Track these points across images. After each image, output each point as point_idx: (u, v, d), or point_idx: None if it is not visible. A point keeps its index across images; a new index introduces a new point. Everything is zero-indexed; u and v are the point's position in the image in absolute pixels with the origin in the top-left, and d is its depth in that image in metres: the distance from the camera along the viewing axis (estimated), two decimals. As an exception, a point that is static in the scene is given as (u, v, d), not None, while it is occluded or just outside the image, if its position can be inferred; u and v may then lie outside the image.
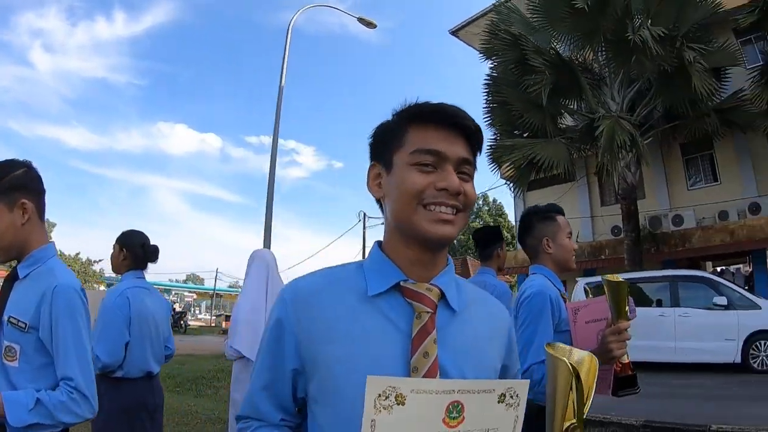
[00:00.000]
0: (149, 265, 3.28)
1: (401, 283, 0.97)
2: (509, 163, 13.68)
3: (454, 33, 19.95)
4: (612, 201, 16.48)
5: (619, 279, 1.72)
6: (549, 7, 12.99)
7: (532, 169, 13.59)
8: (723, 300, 9.36)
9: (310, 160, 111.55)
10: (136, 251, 3.16)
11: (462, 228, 0.99)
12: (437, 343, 0.93)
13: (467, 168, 0.99)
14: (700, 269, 14.21)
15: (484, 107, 15.24)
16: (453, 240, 1.00)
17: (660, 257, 14.96)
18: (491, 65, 15.11)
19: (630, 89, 13.22)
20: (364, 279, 0.99)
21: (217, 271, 49.50)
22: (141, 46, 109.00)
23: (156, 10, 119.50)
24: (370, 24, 14.79)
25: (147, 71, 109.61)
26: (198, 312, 47.78)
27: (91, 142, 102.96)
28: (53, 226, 44.46)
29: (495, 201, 49.09)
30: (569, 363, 1.03)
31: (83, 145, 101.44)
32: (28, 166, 1.72)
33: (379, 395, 0.74)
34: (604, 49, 12.97)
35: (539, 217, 2.40)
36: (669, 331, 9.52)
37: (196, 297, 51.48)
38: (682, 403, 6.70)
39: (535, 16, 13.62)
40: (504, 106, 14.41)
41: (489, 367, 1.03)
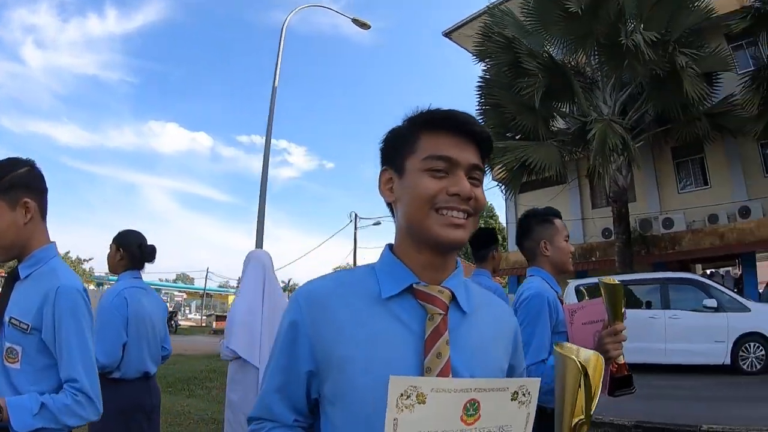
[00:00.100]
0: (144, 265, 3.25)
1: (414, 286, 0.98)
2: (501, 165, 13.67)
3: (447, 35, 19.96)
4: (603, 203, 16.56)
5: (615, 282, 1.74)
6: (542, 11, 13.04)
7: (524, 172, 13.62)
8: (713, 302, 9.44)
9: (301, 160, 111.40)
10: (133, 251, 3.12)
11: (472, 232, 1.01)
12: (449, 344, 0.95)
13: (477, 174, 1.01)
14: (689, 272, 14.31)
15: (476, 109, 15.25)
16: (464, 244, 1.01)
17: (650, 259, 15.09)
18: (484, 67, 15.12)
19: (622, 93, 13.32)
20: (376, 281, 1.01)
21: (208, 271, 49.21)
22: (133, 43, 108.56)
23: (148, 7, 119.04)
24: (364, 25, 14.79)
25: (139, 69, 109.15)
26: (188, 312, 47.52)
27: (83, 139, 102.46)
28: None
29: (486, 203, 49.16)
30: (578, 361, 1.07)
31: (74, 143, 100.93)
32: (31, 164, 1.69)
33: (401, 395, 0.76)
34: (596, 53, 13.03)
35: (537, 220, 2.42)
36: (659, 333, 9.59)
37: (186, 297, 51.19)
38: (672, 404, 6.76)
39: (529, 19, 13.66)
40: (497, 108, 14.44)
41: (497, 368, 1.04)
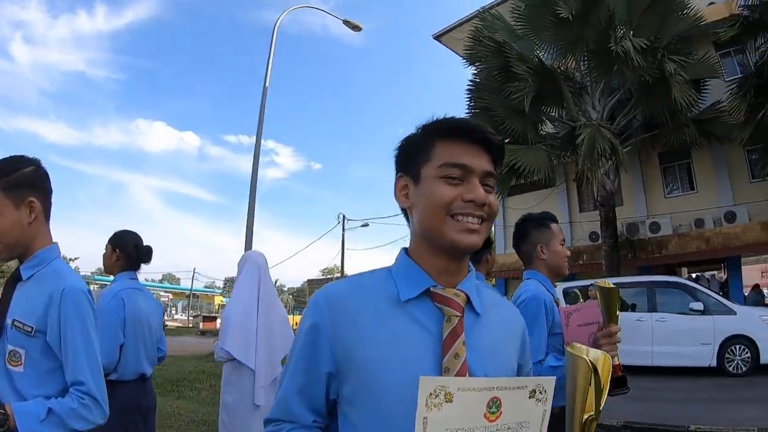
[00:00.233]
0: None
1: (431, 289, 1.02)
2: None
3: (437, 38, 20.03)
4: (590, 207, 16.68)
5: (611, 285, 1.79)
6: (533, 16, 13.14)
7: (512, 175, 13.68)
8: (699, 305, 9.58)
9: (288, 160, 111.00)
10: (129, 252, 3.09)
11: (485, 236, 1.04)
12: (465, 345, 0.98)
13: (490, 180, 1.04)
14: (676, 275, 14.46)
15: (466, 112, 15.29)
16: (478, 248, 1.04)
17: (637, 263, 15.22)
18: (474, 71, 15.20)
19: (611, 98, 13.44)
20: (394, 285, 1.04)
21: (194, 271, 48.85)
22: (122, 41, 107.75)
23: (138, 5, 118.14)
24: (356, 27, 14.79)
25: (127, 66, 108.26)
26: (174, 312, 47.19)
27: (70, 137, 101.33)
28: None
29: None
30: (589, 360, 1.11)
31: (62, 140, 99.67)
32: (36, 164, 1.67)
33: (431, 394, 0.80)
34: (586, 59, 13.15)
35: (534, 225, 2.47)
36: (646, 336, 9.68)
37: (172, 297, 50.82)
38: (660, 406, 6.85)
39: (519, 23, 13.75)
40: (486, 112, 14.50)
41: (508, 367, 1.08)
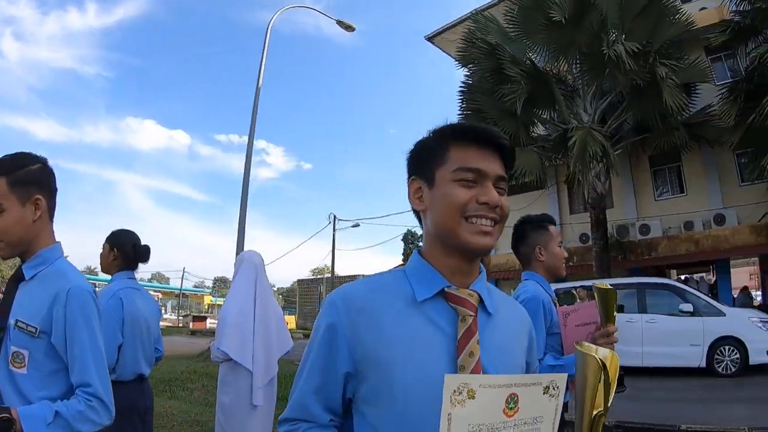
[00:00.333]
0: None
1: (445, 289, 1.05)
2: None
3: (429, 39, 20.08)
4: (581, 209, 16.79)
5: (608, 287, 1.83)
6: (526, 19, 13.21)
7: (503, 176, 13.75)
8: (689, 307, 9.71)
9: (279, 160, 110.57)
10: (126, 251, 3.07)
11: (497, 238, 1.07)
12: (479, 344, 1.01)
13: (502, 184, 1.08)
14: (665, 277, 14.60)
15: (458, 114, 15.38)
16: (491, 249, 1.08)
17: (627, 265, 15.35)
18: (467, 73, 15.26)
19: (602, 101, 13.55)
20: (409, 285, 1.07)
21: (184, 271, 48.57)
22: (112, 38, 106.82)
23: (129, 2, 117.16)
24: (349, 27, 14.78)
25: (117, 64, 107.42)
26: (164, 312, 46.94)
27: (60, 134, 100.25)
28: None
29: None
30: (599, 358, 1.15)
31: (51, 138, 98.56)
32: (43, 162, 1.65)
33: (454, 391, 0.83)
34: (578, 62, 13.22)
35: (532, 227, 2.51)
36: (636, 337, 9.77)
37: (161, 296, 50.51)
38: (651, 405, 6.92)
39: (512, 26, 13.81)
40: (478, 113, 14.57)
41: (518, 365, 1.12)
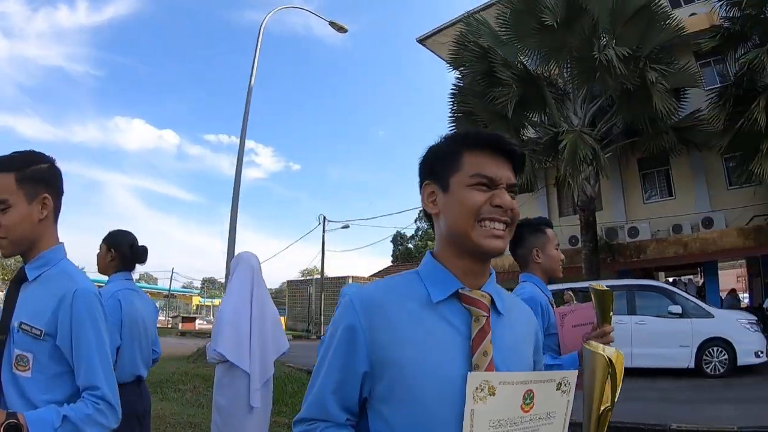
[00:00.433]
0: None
1: (459, 291, 1.09)
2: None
3: (421, 41, 20.17)
4: (570, 212, 16.90)
5: (605, 288, 1.87)
6: (518, 22, 13.32)
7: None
8: (678, 308, 9.83)
9: (268, 161, 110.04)
10: (124, 252, 3.06)
11: (509, 240, 1.12)
12: (492, 343, 1.05)
13: (514, 188, 1.12)
14: (653, 279, 14.72)
15: (449, 116, 15.47)
16: (503, 252, 1.12)
17: (616, 267, 15.51)
18: (458, 75, 15.34)
19: (592, 105, 13.69)
20: (423, 286, 1.10)
21: (173, 271, 48.26)
22: (102, 36, 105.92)
23: (119, 0, 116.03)
24: (341, 29, 14.84)
25: (106, 63, 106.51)
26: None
27: (47, 133, 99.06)
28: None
29: None
30: (606, 356, 1.21)
31: (38, 136, 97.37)
32: (52, 162, 1.65)
33: (477, 388, 0.89)
34: (569, 66, 13.35)
35: (530, 230, 2.54)
36: (626, 338, 9.82)
37: (149, 297, 50.07)
38: (641, 406, 6.98)
39: (503, 29, 13.91)
40: (469, 116, 14.68)
41: (527, 363, 1.16)
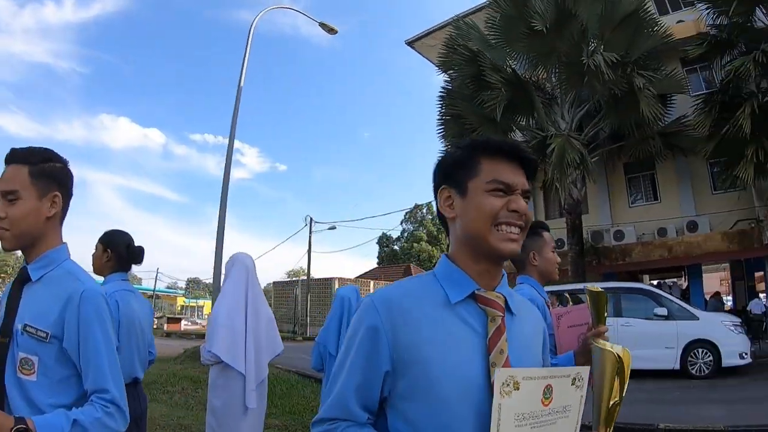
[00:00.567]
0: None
1: (476, 292, 1.13)
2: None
3: (410, 44, 20.23)
4: (556, 215, 17.02)
5: (599, 289, 1.92)
6: (507, 26, 13.42)
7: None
8: (663, 311, 9.98)
9: (253, 161, 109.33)
10: (120, 252, 3.02)
11: (521, 243, 1.17)
12: (507, 342, 1.10)
13: (528, 194, 1.18)
14: (638, 282, 14.94)
15: (438, 119, 15.54)
16: (517, 254, 1.17)
17: (601, 270, 15.65)
18: (446, 78, 15.42)
19: (580, 109, 13.83)
20: (440, 288, 1.15)
21: (158, 272, 47.67)
22: (88, 33, 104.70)
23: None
24: (331, 30, 14.82)
25: (92, 60, 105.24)
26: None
27: (31, 130, 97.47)
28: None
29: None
30: (616, 353, 1.26)
31: (22, 133, 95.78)
32: (66, 163, 1.65)
33: (503, 383, 0.95)
34: (557, 71, 13.47)
35: (527, 233, 2.58)
36: (612, 340, 9.71)
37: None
38: (627, 406, 6.94)
39: (493, 33, 14.00)
40: (458, 119, 14.79)
41: (538, 361, 1.21)
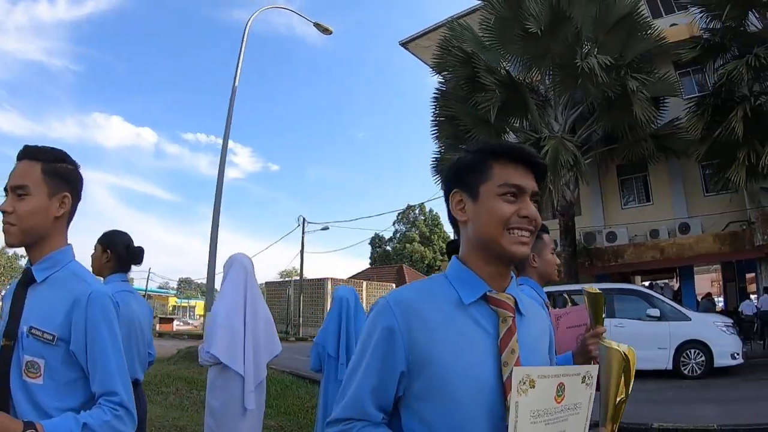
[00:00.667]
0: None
1: (487, 293, 1.16)
2: (452, 176, 13.95)
3: (404, 45, 20.30)
4: (549, 216, 17.07)
5: (597, 291, 1.95)
6: (502, 28, 13.48)
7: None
8: (656, 312, 10.08)
9: (246, 161, 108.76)
10: (120, 252, 3.02)
11: (531, 245, 1.19)
12: (518, 341, 1.13)
13: (537, 197, 1.21)
14: (630, 283, 15.06)
15: (431, 120, 15.57)
16: (528, 257, 1.22)
17: (594, 271, 15.79)
18: (440, 80, 15.48)
19: (573, 111, 13.92)
20: (453, 289, 1.17)
21: (150, 271, 47.37)
22: (81, 31, 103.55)
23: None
24: (326, 30, 14.79)
25: (85, 58, 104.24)
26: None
27: (24, 128, 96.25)
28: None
29: (431, 211, 47.88)
30: (622, 351, 1.29)
31: (15, 131, 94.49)
32: (78, 166, 1.66)
33: (520, 381, 0.98)
34: (551, 73, 13.54)
35: None
36: (605, 341, 10.02)
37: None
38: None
39: (487, 35, 14.05)
40: (452, 120, 14.83)
41: (546, 360, 1.25)
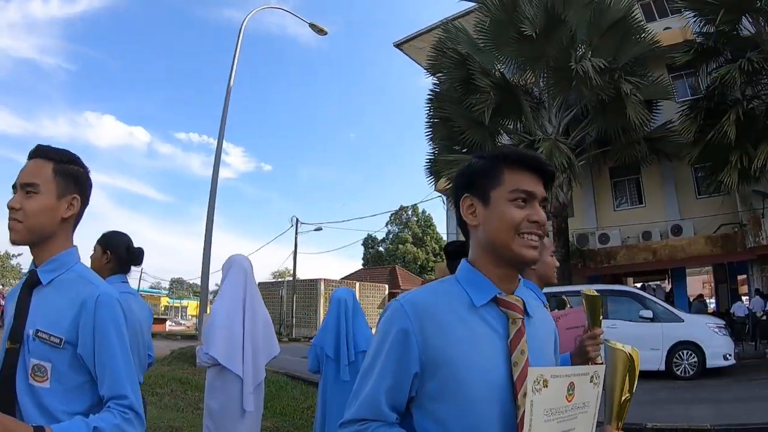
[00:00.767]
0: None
1: (497, 296, 1.20)
2: (446, 178, 14.09)
3: (398, 46, 20.35)
4: (542, 218, 17.21)
5: (595, 293, 1.99)
6: (497, 31, 13.53)
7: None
8: (649, 313, 10.18)
9: (238, 161, 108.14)
10: (120, 254, 2.97)
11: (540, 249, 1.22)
12: (527, 342, 1.17)
13: (545, 203, 1.25)
14: (622, 285, 15.19)
15: (426, 121, 15.61)
16: (538, 260, 1.23)
17: (586, 273, 15.89)
18: (435, 81, 15.52)
19: (567, 114, 14.01)
20: (464, 292, 1.20)
21: (142, 272, 47.06)
22: (75, 29, 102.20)
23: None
24: (321, 31, 14.81)
25: (78, 56, 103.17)
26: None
27: (16, 126, 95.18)
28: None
29: (424, 212, 47.69)
30: (627, 351, 1.33)
31: (6, 129, 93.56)
32: (88, 170, 1.65)
33: (534, 381, 1.02)
34: (546, 75, 13.61)
35: None
36: (598, 342, 10.09)
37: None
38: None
39: (482, 37, 14.12)
40: (446, 122, 14.89)
41: (552, 360, 1.29)
